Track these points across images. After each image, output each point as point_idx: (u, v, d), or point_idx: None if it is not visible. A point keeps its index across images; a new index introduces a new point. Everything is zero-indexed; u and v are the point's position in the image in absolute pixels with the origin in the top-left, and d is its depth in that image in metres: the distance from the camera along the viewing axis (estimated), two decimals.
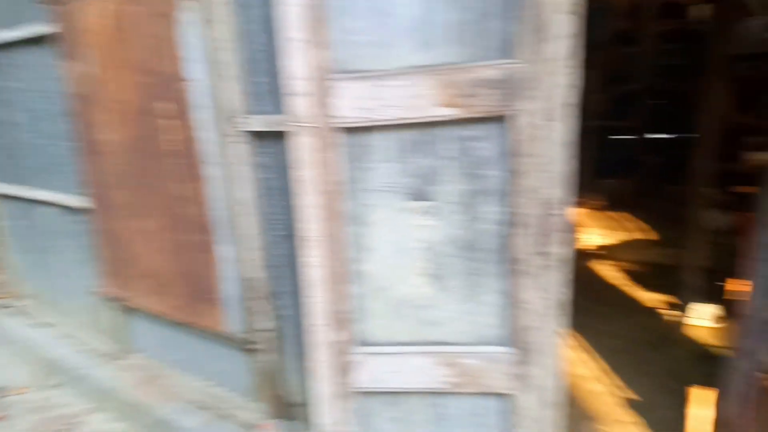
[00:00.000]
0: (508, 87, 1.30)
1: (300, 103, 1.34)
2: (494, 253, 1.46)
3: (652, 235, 4.94)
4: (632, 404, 2.93)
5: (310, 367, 1.54)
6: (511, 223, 1.40)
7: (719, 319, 3.67)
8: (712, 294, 3.71)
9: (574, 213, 5.38)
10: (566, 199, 1.38)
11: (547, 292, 1.46)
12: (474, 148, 1.39)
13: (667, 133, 7.36)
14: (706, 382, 2.53)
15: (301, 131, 1.36)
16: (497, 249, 1.46)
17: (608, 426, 2.83)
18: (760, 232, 2.14)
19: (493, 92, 1.31)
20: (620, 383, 3.12)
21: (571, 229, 1.37)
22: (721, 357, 2.35)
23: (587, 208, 5.39)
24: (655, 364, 3.33)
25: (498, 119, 1.35)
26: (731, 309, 3.37)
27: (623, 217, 5.27)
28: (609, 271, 4.73)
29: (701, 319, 3.75)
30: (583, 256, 4.94)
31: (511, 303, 1.47)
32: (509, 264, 1.44)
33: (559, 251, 1.43)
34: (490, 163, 1.39)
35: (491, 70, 1.31)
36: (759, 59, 6.08)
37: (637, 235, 4.98)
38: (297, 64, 1.32)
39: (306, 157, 1.37)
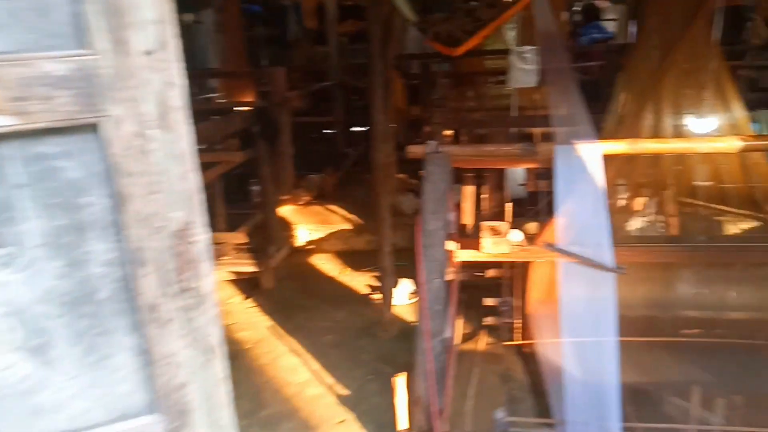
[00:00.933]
0: (88, 86, 0.97)
1: None
2: (117, 303, 1.12)
3: (357, 224, 5.22)
4: (346, 400, 2.96)
5: None
6: (131, 261, 1.08)
7: (415, 296, 4.03)
8: (410, 274, 4.03)
9: (285, 211, 5.34)
10: (198, 221, 1.12)
11: (195, 338, 1.18)
12: (58, 169, 1.02)
13: (363, 126, 7.93)
14: (412, 359, 2.66)
15: None
16: (120, 297, 1.12)
17: (330, 430, 2.79)
18: (423, 219, 2.30)
19: (65, 93, 0.96)
20: (336, 380, 3.12)
21: (211, 256, 1.12)
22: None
23: (294, 204, 5.39)
24: (368, 351, 3.46)
25: (85, 129, 1.00)
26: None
27: (329, 209, 5.45)
28: (321, 265, 4.82)
29: (403, 299, 4.06)
30: (295, 253, 4.92)
31: (152, 360, 1.15)
32: (141, 313, 1.12)
33: (202, 285, 1.16)
34: (84, 187, 1.04)
35: (59, 63, 0.95)
36: (422, 59, 7.01)
37: (344, 225, 5.20)
38: None
39: None
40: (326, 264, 4.84)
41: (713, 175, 3.01)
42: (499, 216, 3.65)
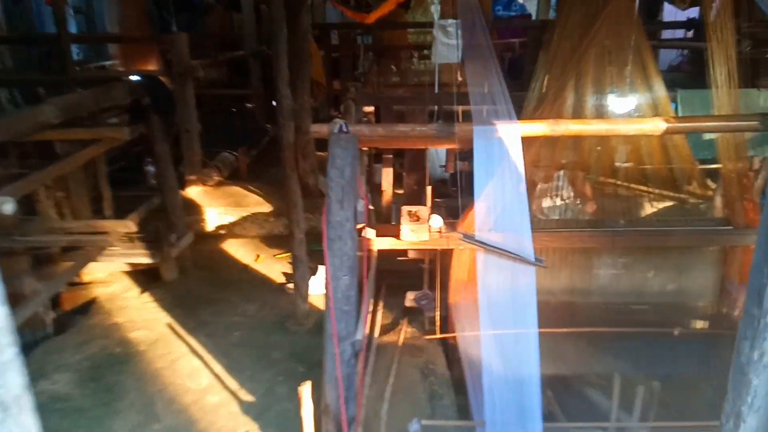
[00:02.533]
0: None
1: None
2: None
3: (275, 206, 4.86)
4: (251, 407, 2.66)
5: None
6: None
7: None
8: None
9: (193, 192, 4.89)
10: None
11: None
12: None
13: None
14: None
15: None
16: None
17: None
18: (328, 209, 2.02)
19: None
20: (241, 384, 2.81)
21: None
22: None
23: (203, 185, 4.95)
24: (279, 348, 3.15)
25: None
26: None
27: (244, 190, 5.05)
28: (233, 252, 4.44)
29: (321, 287, 3.79)
30: (203, 239, 4.51)
31: None
32: None
33: None
34: None
35: None
36: (343, 29, 6.64)
37: (260, 208, 4.82)
38: None
39: None
40: (239, 251, 4.47)
41: (634, 156, 2.92)
42: (419, 199, 3.44)
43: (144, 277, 3.83)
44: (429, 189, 3.04)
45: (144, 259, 3.62)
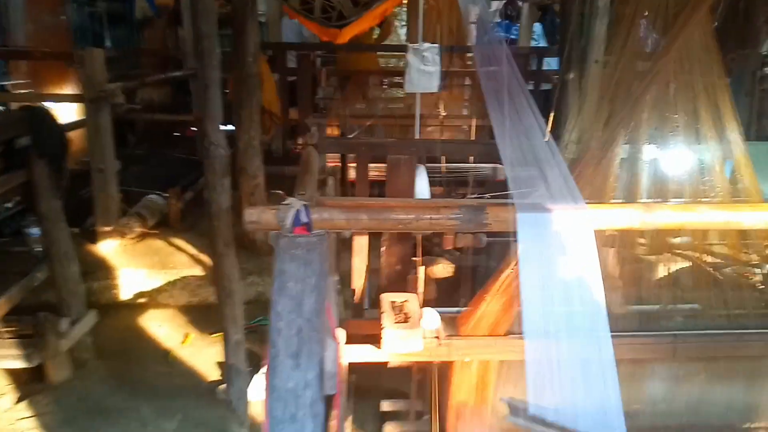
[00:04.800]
0: None
1: None
2: None
3: (212, 265, 3.88)
4: None
5: None
6: None
7: None
8: None
9: (106, 248, 3.86)
10: None
11: None
12: None
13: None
14: None
15: None
16: None
17: None
18: (272, 368, 1.13)
19: None
20: None
21: None
22: None
23: (121, 238, 3.91)
24: None
25: None
26: None
27: (173, 244, 4.05)
28: (154, 330, 3.42)
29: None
30: (115, 312, 3.48)
31: None
32: None
33: None
34: None
35: None
36: (302, 50, 5.79)
37: (193, 269, 3.83)
38: None
39: None
40: (162, 327, 3.46)
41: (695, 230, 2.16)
42: (402, 279, 2.59)
43: (23, 377, 2.78)
44: (420, 266, 2.20)
45: (17, 362, 2.58)
